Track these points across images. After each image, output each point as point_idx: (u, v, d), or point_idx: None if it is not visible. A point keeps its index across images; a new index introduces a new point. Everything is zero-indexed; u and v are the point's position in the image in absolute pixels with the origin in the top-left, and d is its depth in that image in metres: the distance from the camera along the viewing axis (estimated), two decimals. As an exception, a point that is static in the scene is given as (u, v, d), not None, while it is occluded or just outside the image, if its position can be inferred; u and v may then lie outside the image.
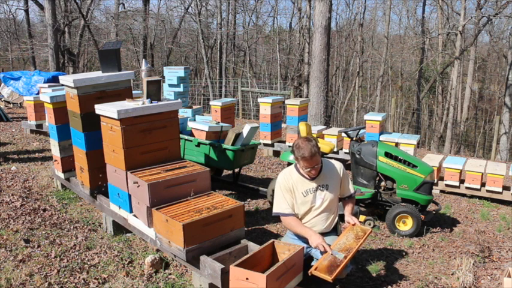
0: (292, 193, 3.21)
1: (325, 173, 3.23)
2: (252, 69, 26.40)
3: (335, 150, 6.96)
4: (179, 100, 4.04)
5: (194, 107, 7.30)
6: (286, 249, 3.09)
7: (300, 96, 18.95)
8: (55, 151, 4.85)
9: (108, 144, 3.73)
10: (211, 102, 7.74)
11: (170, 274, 3.49)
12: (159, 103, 3.72)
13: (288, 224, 3.24)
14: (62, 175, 4.85)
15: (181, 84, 6.98)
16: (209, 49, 23.77)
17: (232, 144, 5.01)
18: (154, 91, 3.76)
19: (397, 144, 6.40)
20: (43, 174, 5.65)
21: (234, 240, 3.40)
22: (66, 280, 3.31)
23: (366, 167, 4.76)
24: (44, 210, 4.56)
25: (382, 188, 4.80)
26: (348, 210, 3.38)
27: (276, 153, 7.65)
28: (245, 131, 5.06)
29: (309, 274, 2.88)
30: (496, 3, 18.52)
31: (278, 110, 7.61)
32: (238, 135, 5.08)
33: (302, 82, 21.31)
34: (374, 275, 3.69)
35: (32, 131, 8.16)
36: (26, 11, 22.31)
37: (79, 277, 3.36)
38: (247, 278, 2.69)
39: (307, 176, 3.20)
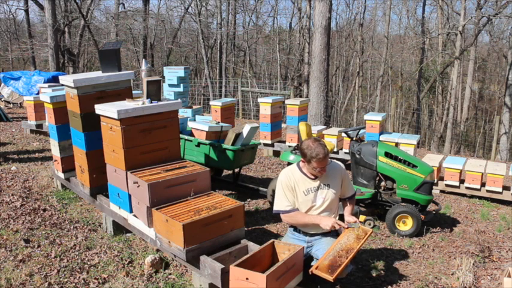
0: (294, 191, 3.21)
1: (327, 173, 3.23)
2: (252, 69, 26.41)
3: (335, 150, 6.96)
4: (179, 100, 4.05)
5: (194, 107, 7.30)
6: (286, 249, 3.09)
7: (300, 96, 18.95)
8: (55, 151, 4.85)
9: (108, 144, 3.73)
10: (211, 102, 7.74)
11: (170, 274, 3.49)
12: (159, 103, 3.72)
13: (292, 218, 3.22)
14: (62, 175, 4.84)
15: (181, 84, 6.99)
16: (209, 49, 23.76)
17: (232, 144, 5.01)
18: (154, 91, 3.76)
19: (397, 144, 6.40)
20: (43, 174, 5.65)
21: (234, 240, 3.40)
22: (66, 280, 3.31)
23: (366, 167, 4.76)
24: (44, 210, 4.57)
25: (382, 188, 4.80)
26: (348, 210, 3.39)
27: (276, 153, 7.65)
28: (245, 131, 5.06)
29: (310, 273, 2.88)
30: (496, 3, 18.53)
31: (278, 110, 7.61)
32: (238, 135, 5.08)
33: (302, 82, 21.30)
34: (374, 275, 3.69)
35: (32, 131, 8.16)
36: (26, 11, 22.30)
37: (79, 277, 3.36)
38: (247, 278, 2.69)
39: (309, 175, 3.20)
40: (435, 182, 6.02)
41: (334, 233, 3.33)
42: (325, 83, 9.91)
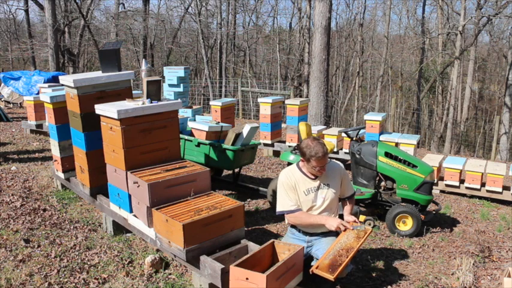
0: (295, 191, 3.21)
1: (327, 172, 3.23)
2: (252, 69, 26.41)
3: (335, 150, 6.96)
4: (179, 100, 4.05)
5: (194, 107, 7.30)
6: (286, 249, 3.09)
7: (300, 96, 18.95)
8: (55, 151, 4.85)
9: (108, 144, 3.73)
10: (211, 102, 7.74)
11: (170, 274, 3.49)
12: (159, 103, 3.72)
13: (296, 218, 3.22)
14: (62, 175, 4.85)
15: (181, 84, 6.99)
16: (209, 49, 23.76)
17: (232, 144, 5.01)
18: (154, 91, 3.76)
19: (397, 144, 6.40)
20: (43, 174, 5.65)
21: (234, 240, 3.40)
22: (66, 280, 3.31)
23: (366, 167, 4.76)
24: (44, 210, 4.57)
25: (382, 188, 4.80)
26: (347, 210, 3.39)
27: (276, 153, 7.65)
28: (245, 131, 5.06)
29: (310, 273, 2.88)
30: (496, 3, 18.53)
31: (278, 110, 7.61)
32: (238, 135, 5.08)
33: (302, 82, 21.30)
34: (374, 275, 3.69)
35: (32, 131, 8.16)
36: (26, 11, 22.30)
37: (79, 277, 3.36)
38: (247, 278, 2.69)
39: (309, 175, 3.20)
40: (435, 182, 6.03)
41: (334, 233, 3.32)
42: (325, 83, 9.91)
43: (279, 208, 3.26)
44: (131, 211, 3.70)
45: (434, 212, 4.86)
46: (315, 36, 9.83)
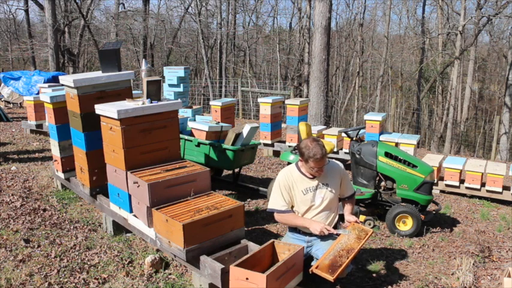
0: (291, 191, 3.21)
1: (326, 172, 3.23)
2: (252, 69, 26.41)
3: (335, 150, 6.96)
4: (179, 100, 4.05)
5: (194, 107, 7.30)
6: (286, 249, 3.09)
7: (300, 96, 18.94)
8: (55, 151, 4.85)
9: (108, 144, 3.73)
10: (211, 102, 7.74)
11: (170, 274, 3.49)
12: (159, 103, 3.72)
13: (284, 219, 3.24)
14: (62, 175, 4.84)
15: (181, 84, 6.99)
16: (209, 49, 23.76)
17: (232, 144, 5.01)
18: (154, 91, 3.76)
19: (397, 144, 6.40)
20: (43, 174, 5.65)
21: (234, 240, 3.40)
22: (66, 280, 3.31)
23: (366, 167, 4.76)
24: (44, 210, 4.57)
25: (382, 188, 4.80)
26: (348, 209, 3.39)
27: (276, 153, 7.65)
28: (245, 131, 5.06)
29: (310, 272, 2.88)
30: (496, 3, 18.53)
31: (278, 110, 7.61)
32: (238, 135, 5.08)
33: (302, 82, 21.29)
34: (374, 275, 3.69)
35: (32, 131, 8.16)
36: (26, 11, 22.30)
37: (79, 277, 3.36)
38: (247, 278, 2.69)
39: (308, 175, 3.20)
40: (435, 182, 6.02)
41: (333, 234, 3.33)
42: (325, 83, 9.91)
43: (270, 206, 3.28)
44: (131, 211, 3.70)
45: (434, 212, 4.86)
46: (315, 36, 9.83)
